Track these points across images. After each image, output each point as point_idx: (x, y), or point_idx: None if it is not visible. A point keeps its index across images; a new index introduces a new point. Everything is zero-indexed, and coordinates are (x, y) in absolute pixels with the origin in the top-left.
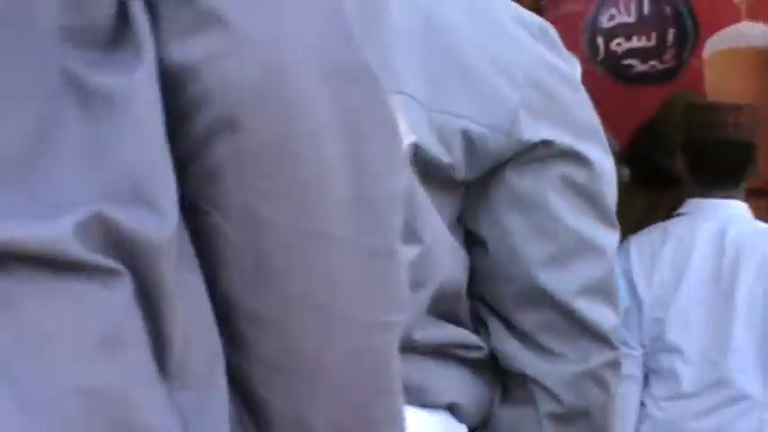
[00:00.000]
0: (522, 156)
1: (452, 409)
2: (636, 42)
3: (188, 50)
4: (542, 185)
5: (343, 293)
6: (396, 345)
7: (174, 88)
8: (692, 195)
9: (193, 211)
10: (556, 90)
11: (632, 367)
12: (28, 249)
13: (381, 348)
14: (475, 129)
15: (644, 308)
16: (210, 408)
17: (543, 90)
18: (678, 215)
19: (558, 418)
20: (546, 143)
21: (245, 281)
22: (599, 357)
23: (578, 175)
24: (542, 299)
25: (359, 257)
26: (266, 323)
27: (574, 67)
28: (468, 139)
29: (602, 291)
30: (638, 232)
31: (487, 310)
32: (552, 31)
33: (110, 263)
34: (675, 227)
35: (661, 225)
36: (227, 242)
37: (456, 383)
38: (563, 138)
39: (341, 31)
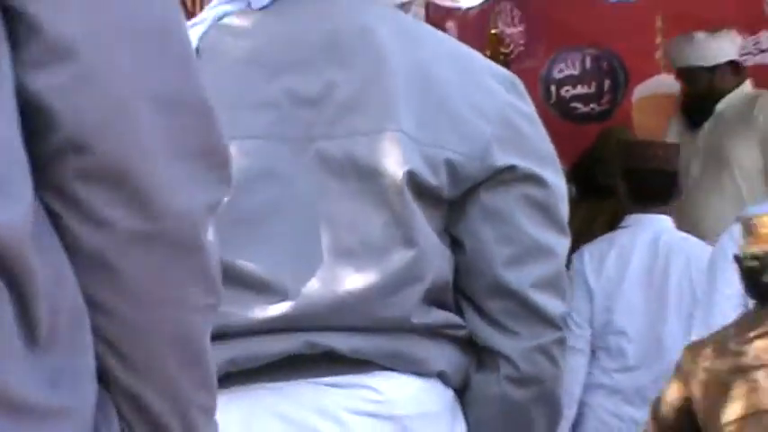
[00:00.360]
0: (492, 178)
1: (442, 376)
2: (580, 90)
3: (41, 80)
4: (508, 202)
5: (171, 284)
6: (208, 324)
7: (29, 111)
8: (631, 212)
9: (48, 212)
10: (521, 127)
11: (582, 343)
12: None
13: (201, 327)
14: (456, 158)
15: (595, 297)
16: (77, 365)
17: (511, 127)
18: (621, 227)
19: (514, 380)
20: (511, 168)
21: (90, 275)
22: (548, 336)
23: (537, 193)
24: (505, 291)
25: (183, 254)
26: (107, 311)
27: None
28: (451, 166)
29: (552, 285)
30: (592, 241)
31: (464, 299)
32: (519, 83)
33: None
34: (619, 236)
35: (608, 236)
36: (76, 241)
37: (446, 356)
38: (525, 164)
39: (182, 71)
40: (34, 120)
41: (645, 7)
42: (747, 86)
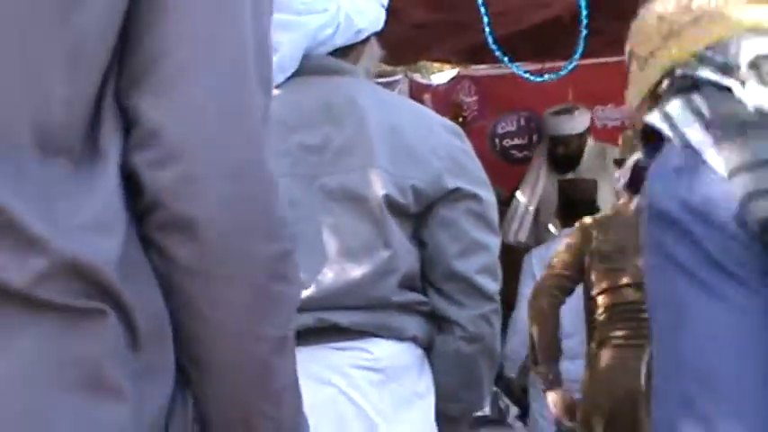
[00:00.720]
0: (444, 197)
1: (414, 339)
2: (516, 141)
3: (135, 158)
4: (456, 213)
5: (234, 314)
6: (280, 350)
7: (130, 180)
8: (565, 226)
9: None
10: (462, 160)
11: None
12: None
13: (265, 354)
14: (418, 184)
15: None
16: (164, 362)
17: (455, 161)
18: (557, 237)
19: (464, 339)
20: (457, 189)
21: (170, 298)
22: (487, 307)
23: (476, 207)
24: (456, 276)
25: (251, 291)
26: (182, 327)
27: (471, 149)
28: (415, 190)
29: (489, 270)
30: (537, 246)
31: (428, 284)
32: (459, 130)
33: (96, 304)
34: (556, 243)
35: (548, 243)
36: (156, 272)
37: (416, 324)
38: (467, 186)
39: (253, 146)
40: (133, 186)
41: (560, 84)
42: (590, 142)
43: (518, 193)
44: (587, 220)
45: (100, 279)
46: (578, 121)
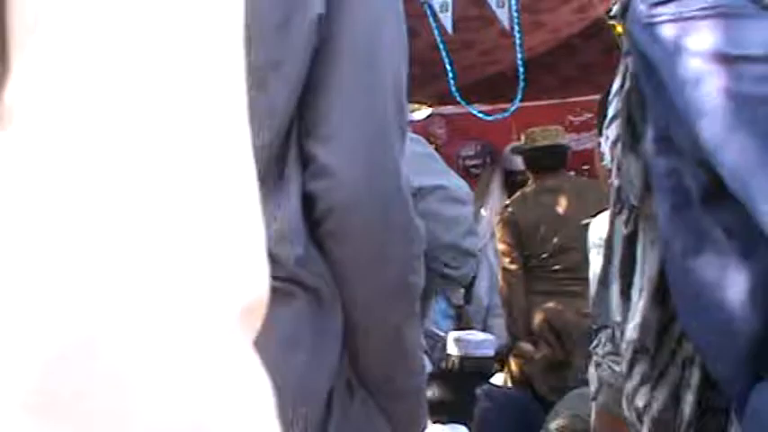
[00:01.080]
0: (417, 193)
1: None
2: (474, 162)
3: (311, 185)
4: (429, 204)
5: (382, 297)
6: (411, 321)
7: (307, 201)
8: None
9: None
10: (424, 162)
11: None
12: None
13: (402, 328)
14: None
15: None
16: (335, 329)
17: (419, 164)
18: None
19: (459, 290)
20: (422, 187)
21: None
22: (472, 261)
23: (443, 193)
24: (448, 245)
25: (392, 281)
26: (345, 308)
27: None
28: None
29: (470, 232)
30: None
31: (426, 258)
32: (422, 139)
33: (288, 287)
34: None
35: None
36: (326, 265)
37: None
38: (429, 181)
39: (392, 178)
40: (309, 205)
41: (506, 121)
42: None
43: (482, 211)
44: (506, 202)
45: (290, 270)
46: None
